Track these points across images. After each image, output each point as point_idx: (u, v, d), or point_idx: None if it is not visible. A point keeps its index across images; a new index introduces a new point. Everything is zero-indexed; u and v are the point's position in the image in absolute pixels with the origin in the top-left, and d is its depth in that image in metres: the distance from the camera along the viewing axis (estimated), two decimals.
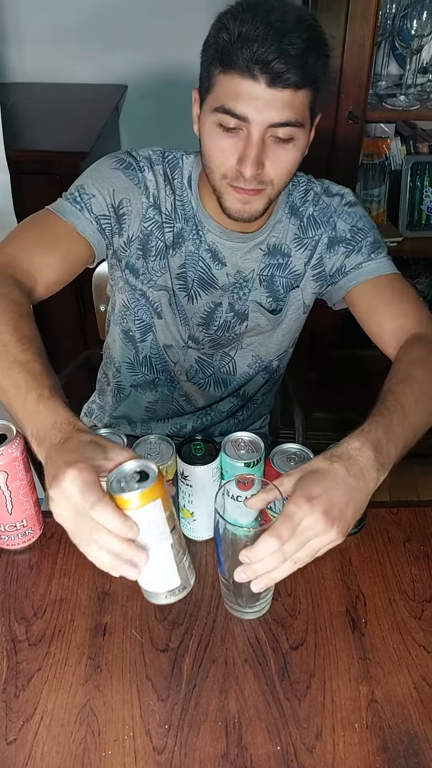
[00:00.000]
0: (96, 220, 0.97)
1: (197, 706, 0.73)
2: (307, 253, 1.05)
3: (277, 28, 0.80)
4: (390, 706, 0.73)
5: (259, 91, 0.82)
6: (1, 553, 0.89)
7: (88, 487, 0.62)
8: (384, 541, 0.91)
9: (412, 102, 1.68)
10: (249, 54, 0.80)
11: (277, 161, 0.88)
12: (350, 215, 1.03)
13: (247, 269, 1.04)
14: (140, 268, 1.04)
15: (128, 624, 0.80)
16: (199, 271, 1.04)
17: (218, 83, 0.85)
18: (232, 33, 0.81)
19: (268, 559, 0.65)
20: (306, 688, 0.75)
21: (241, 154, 0.86)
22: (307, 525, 0.65)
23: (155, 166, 1.01)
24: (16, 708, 0.73)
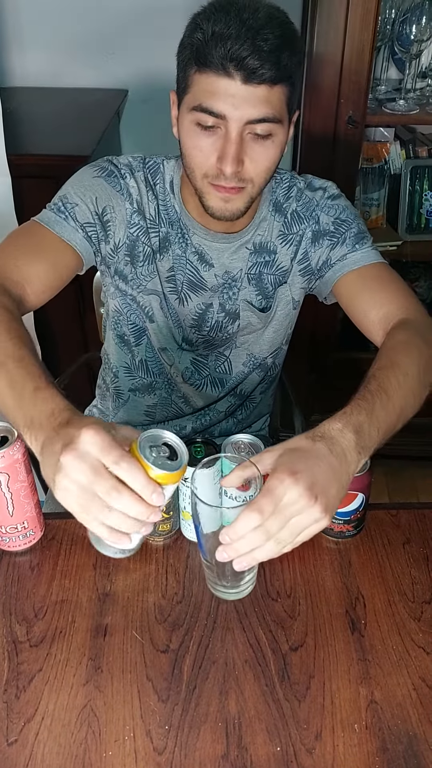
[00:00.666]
0: (81, 228, 0.97)
1: (197, 707, 0.73)
2: (292, 248, 1.05)
3: (250, 25, 0.81)
4: (389, 708, 0.73)
5: (234, 88, 0.83)
6: (2, 554, 0.90)
7: (109, 445, 0.61)
8: (383, 542, 0.91)
9: (412, 106, 1.69)
10: (223, 51, 0.81)
11: (256, 158, 0.89)
12: (333, 208, 1.03)
13: (235, 269, 1.05)
14: (129, 273, 1.05)
15: (129, 625, 0.81)
16: (187, 274, 1.05)
17: (194, 83, 0.86)
18: (206, 32, 0.82)
19: (249, 536, 0.63)
20: (306, 689, 0.75)
21: (221, 152, 0.87)
22: (290, 500, 0.64)
23: (136, 172, 1.02)
24: (17, 709, 0.73)
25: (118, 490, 0.61)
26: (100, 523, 0.63)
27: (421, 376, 0.83)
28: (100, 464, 0.61)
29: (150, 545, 0.91)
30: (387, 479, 2.03)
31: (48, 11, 1.82)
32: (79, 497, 0.62)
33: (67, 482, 0.61)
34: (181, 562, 0.88)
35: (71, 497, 0.62)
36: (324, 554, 0.89)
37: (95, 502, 0.61)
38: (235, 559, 0.66)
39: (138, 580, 0.86)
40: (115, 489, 0.61)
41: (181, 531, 0.92)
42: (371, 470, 0.86)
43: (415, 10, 1.61)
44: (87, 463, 0.60)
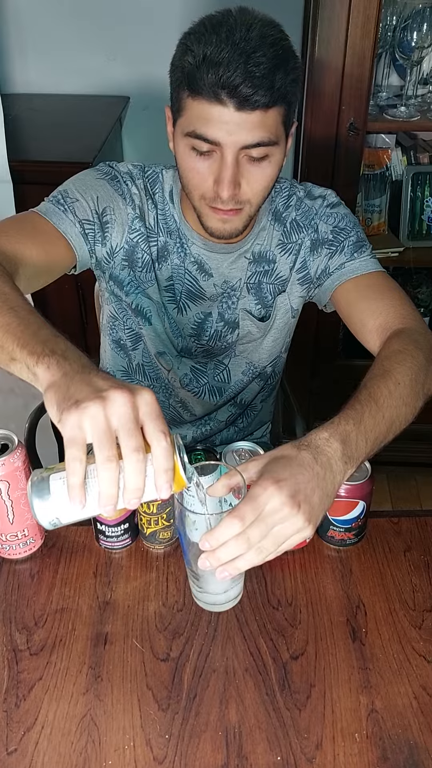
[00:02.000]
0: (80, 224, 0.96)
1: (198, 715, 0.73)
2: (291, 257, 1.05)
3: (242, 49, 0.79)
4: (390, 716, 0.73)
5: (228, 116, 0.82)
6: (2, 562, 0.89)
7: (161, 416, 0.59)
8: (384, 550, 0.91)
9: (413, 113, 1.69)
10: (215, 79, 0.79)
11: (253, 181, 0.89)
12: (331, 216, 1.03)
13: (234, 278, 1.05)
14: (125, 278, 1.05)
15: (129, 633, 0.81)
16: (186, 284, 1.05)
17: (187, 107, 0.85)
18: (197, 56, 0.81)
19: (230, 544, 0.63)
20: (306, 698, 0.75)
21: (217, 175, 0.87)
22: (272, 508, 0.63)
23: (136, 180, 1.02)
24: (17, 718, 0.73)
25: (142, 453, 0.57)
26: (83, 464, 0.57)
27: (415, 385, 0.82)
28: (138, 424, 0.58)
29: (151, 553, 0.91)
30: (390, 486, 2.03)
31: (50, 18, 1.83)
32: (100, 432, 0.56)
33: (100, 412, 0.56)
34: (181, 570, 0.88)
35: (92, 425, 0.56)
36: (325, 562, 0.89)
37: (109, 448, 0.56)
38: (217, 569, 0.65)
39: (138, 588, 0.86)
40: (140, 451, 0.57)
41: None
42: (372, 478, 0.86)
43: (416, 17, 1.61)
44: (133, 412, 0.57)
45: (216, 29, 0.81)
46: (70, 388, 0.58)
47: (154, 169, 1.04)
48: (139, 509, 0.88)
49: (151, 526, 0.88)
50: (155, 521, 0.88)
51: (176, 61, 0.86)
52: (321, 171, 1.63)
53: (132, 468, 0.57)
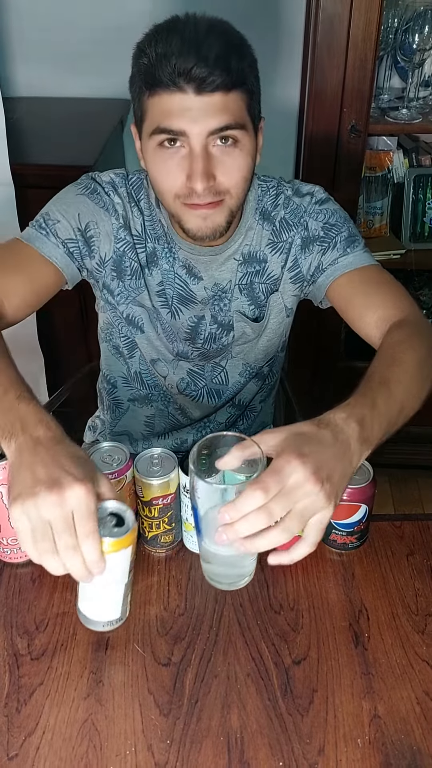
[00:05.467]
0: (63, 244, 0.98)
1: (199, 721, 0.73)
2: (282, 256, 1.04)
3: (191, 39, 0.81)
4: (393, 722, 0.73)
5: (189, 101, 0.82)
6: (3, 566, 0.89)
7: (90, 515, 0.64)
8: (387, 554, 0.90)
9: (415, 115, 1.69)
10: (170, 68, 0.80)
11: (227, 170, 0.88)
12: (321, 213, 1.02)
13: (224, 280, 1.05)
14: (116, 288, 1.05)
15: (130, 638, 0.80)
16: (177, 288, 1.05)
17: (149, 107, 0.85)
18: (150, 55, 0.82)
19: (251, 517, 0.61)
20: (309, 703, 0.74)
21: (188, 170, 0.86)
22: (296, 482, 0.62)
23: (119, 188, 1.02)
24: (18, 723, 0.73)
25: (75, 550, 0.65)
26: (36, 554, 0.66)
27: (422, 372, 0.82)
28: (71, 522, 0.64)
29: (152, 557, 0.90)
30: (392, 489, 2.02)
31: (51, 21, 1.83)
32: (36, 530, 0.65)
33: (33, 512, 0.64)
34: (183, 573, 0.88)
35: (27, 523, 0.65)
36: (327, 566, 0.89)
37: (47, 544, 0.65)
38: (235, 543, 0.63)
39: (140, 592, 0.85)
40: (73, 549, 0.65)
41: (184, 542, 0.91)
42: (374, 482, 0.86)
43: (418, 19, 1.61)
44: (63, 512, 0.64)
45: (166, 29, 0.84)
46: (16, 476, 0.67)
47: (138, 176, 1.04)
48: (141, 513, 0.88)
49: (153, 530, 0.88)
50: (156, 525, 0.87)
51: (133, 70, 0.87)
52: (322, 173, 1.63)
53: (69, 562, 0.66)
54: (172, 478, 0.85)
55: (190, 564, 0.89)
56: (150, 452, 0.87)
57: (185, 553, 0.91)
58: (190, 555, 0.90)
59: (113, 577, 0.73)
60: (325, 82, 1.54)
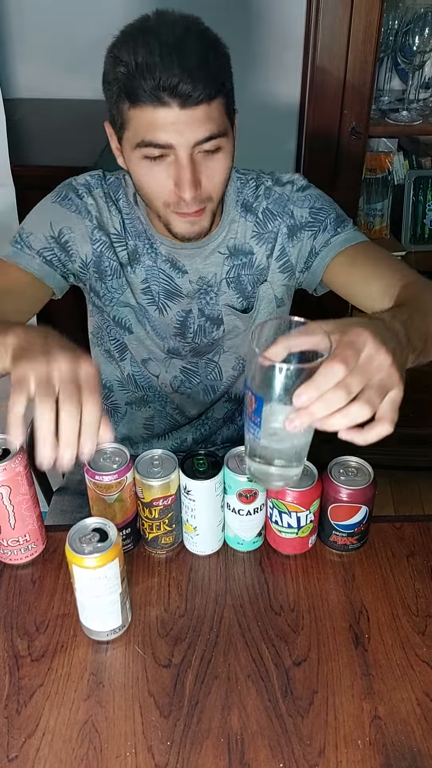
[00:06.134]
0: (39, 254, 1.00)
1: (199, 722, 0.73)
2: (268, 246, 1.04)
3: (172, 46, 0.79)
4: (393, 723, 0.73)
5: (174, 116, 0.82)
6: (3, 567, 0.89)
7: (97, 385, 0.66)
8: (387, 555, 0.90)
9: (415, 117, 1.69)
10: (153, 83, 0.79)
11: (211, 175, 0.89)
12: (305, 199, 1.02)
13: (209, 274, 1.05)
14: (100, 289, 1.06)
15: (131, 639, 0.80)
16: (162, 283, 1.05)
17: (131, 119, 0.85)
18: (129, 65, 0.80)
19: (328, 396, 0.57)
20: (309, 704, 0.74)
21: (176, 179, 0.87)
22: (369, 355, 0.59)
23: (94, 190, 1.03)
24: (18, 724, 0.73)
25: (76, 405, 0.64)
26: (24, 402, 0.64)
27: None
28: (77, 385, 0.65)
29: (153, 558, 0.90)
30: (392, 490, 2.02)
31: (52, 23, 1.84)
32: (41, 381, 0.64)
33: (43, 366, 0.65)
34: (183, 575, 0.88)
35: (36, 376, 0.64)
36: (327, 567, 0.89)
37: (47, 389, 0.64)
38: (304, 424, 0.59)
39: (140, 594, 0.85)
40: (75, 402, 0.63)
41: (184, 544, 0.91)
42: (375, 483, 0.86)
43: (418, 21, 1.61)
44: (73, 372, 0.65)
45: (141, 35, 0.81)
46: (26, 347, 0.69)
47: (116, 176, 1.04)
48: (141, 514, 0.88)
49: (153, 531, 0.88)
50: (157, 526, 0.87)
51: (108, 77, 0.85)
52: (323, 175, 1.63)
53: (66, 415, 0.63)
54: (173, 480, 0.85)
55: (190, 565, 0.89)
56: (150, 453, 0.87)
57: (185, 555, 0.91)
58: (190, 556, 0.90)
59: (106, 589, 0.75)
60: (325, 84, 1.54)
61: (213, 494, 0.86)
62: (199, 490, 0.85)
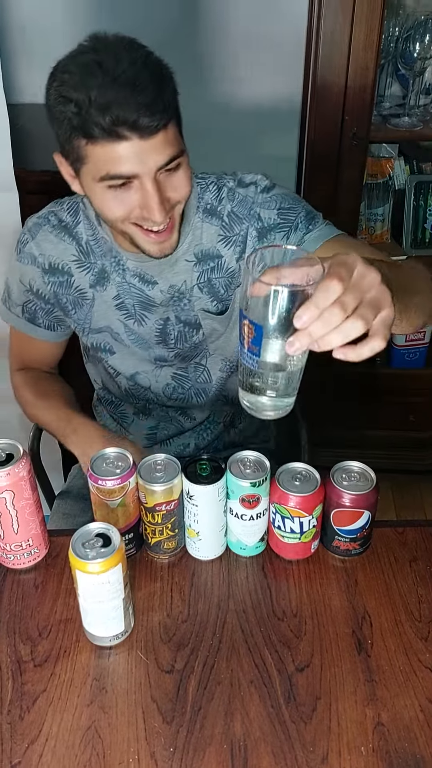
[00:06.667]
0: (23, 310, 1.12)
1: (202, 728, 0.72)
2: (237, 248, 1.04)
3: (123, 81, 0.79)
4: (396, 730, 0.72)
5: (135, 147, 0.82)
6: (6, 572, 0.89)
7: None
8: (390, 561, 0.90)
9: (416, 123, 1.70)
10: (110, 120, 0.80)
11: (175, 188, 0.90)
12: (272, 201, 1.01)
13: (179, 282, 1.05)
14: (71, 323, 1.12)
15: (133, 645, 0.80)
16: (135, 296, 1.07)
17: (90, 154, 0.85)
18: (82, 103, 0.80)
19: (326, 314, 0.58)
20: (312, 710, 0.74)
21: (143, 203, 0.88)
22: (360, 272, 0.61)
23: (39, 232, 1.05)
24: (21, 730, 0.72)
25: None
26: None
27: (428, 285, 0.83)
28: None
29: (155, 563, 0.90)
30: (394, 494, 2.02)
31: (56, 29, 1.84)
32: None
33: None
34: (186, 580, 0.88)
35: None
36: (330, 573, 0.89)
37: None
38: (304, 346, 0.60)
39: (143, 599, 0.85)
40: None
41: (186, 549, 0.91)
42: (377, 488, 0.86)
43: (419, 28, 1.62)
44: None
45: (88, 70, 0.80)
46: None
47: (73, 200, 1.06)
48: (144, 519, 0.88)
49: (156, 536, 0.88)
50: (160, 531, 0.87)
51: (57, 113, 0.84)
52: (324, 181, 1.63)
53: None
54: (176, 484, 0.85)
55: (193, 570, 0.89)
56: (153, 458, 0.87)
57: (188, 560, 0.91)
58: (193, 561, 0.90)
59: (109, 594, 0.75)
60: (326, 90, 1.55)
61: (216, 499, 0.86)
62: (202, 495, 0.85)
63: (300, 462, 0.88)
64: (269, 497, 0.87)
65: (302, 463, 0.88)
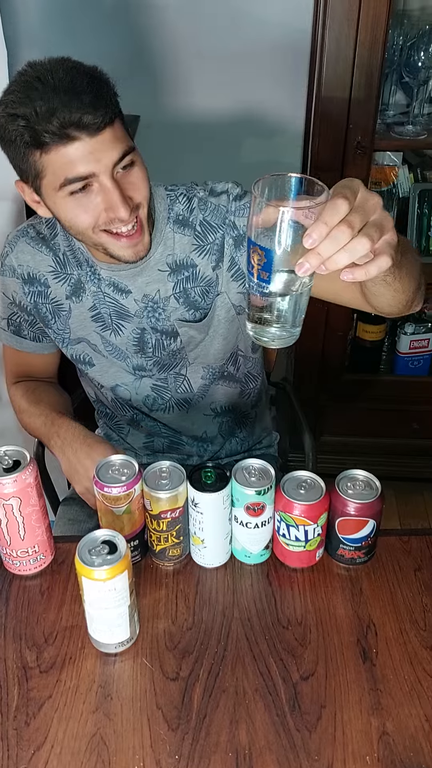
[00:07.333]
0: (9, 323, 1.14)
1: (208, 736, 0.73)
2: (212, 257, 1.04)
3: (63, 88, 0.83)
4: (401, 739, 0.73)
5: (87, 146, 0.85)
6: (12, 578, 0.90)
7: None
8: (395, 569, 0.90)
9: (420, 131, 1.71)
10: (58, 124, 0.83)
11: (135, 187, 0.92)
12: (245, 208, 1.02)
13: (152, 291, 1.06)
14: (51, 334, 1.13)
15: (138, 652, 0.81)
16: (110, 306, 1.08)
17: (47, 164, 0.87)
18: (28, 116, 0.84)
19: (334, 232, 0.59)
20: (317, 719, 0.74)
21: (107, 204, 0.89)
22: (363, 196, 0.62)
23: (18, 243, 1.08)
24: (27, 736, 0.73)
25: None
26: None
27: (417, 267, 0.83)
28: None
29: (160, 570, 0.91)
30: (397, 501, 2.02)
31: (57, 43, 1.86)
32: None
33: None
34: (191, 587, 0.88)
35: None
36: (335, 581, 0.89)
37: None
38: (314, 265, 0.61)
39: (148, 606, 0.86)
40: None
41: (191, 556, 0.91)
42: (382, 497, 0.86)
43: (423, 37, 1.63)
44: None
45: (29, 87, 0.85)
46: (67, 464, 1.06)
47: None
48: (149, 526, 0.88)
49: (161, 543, 0.88)
50: (165, 538, 0.88)
51: (9, 135, 0.87)
52: None
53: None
54: (181, 492, 0.85)
55: (197, 578, 0.89)
56: (159, 465, 0.88)
57: (193, 567, 0.91)
58: (197, 569, 0.91)
59: (114, 601, 0.75)
60: (331, 99, 1.55)
61: (221, 507, 0.86)
62: (207, 503, 0.85)
63: (305, 470, 0.88)
64: (274, 505, 0.87)
65: (307, 472, 0.88)
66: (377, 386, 1.97)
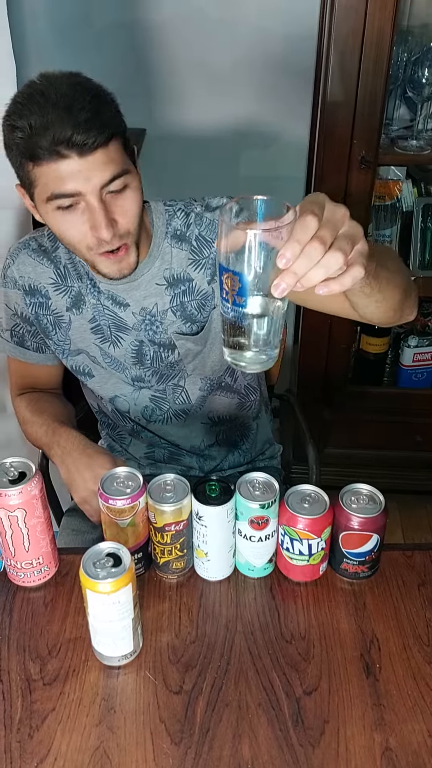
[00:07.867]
0: (12, 335, 1.15)
1: (210, 750, 0.73)
2: (207, 271, 1.05)
3: (60, 104, 0.84)
4: (405, 755, 0.72)
5: (75, 165, 0.86)
6: (16, 590, 0.90)
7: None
8: (398, 584, 0.90)
9: (424, 146, 1.72)
10: (49, 140, 0.84)
11: (124, 212, 0.92)
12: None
13: (150, 304, 1.07)
14: (51, 345, 1.15)
15: (142, 665, 0.81)
16: (109, 318, 1.09)
17: (37, 177, 0.89)
18: (25, 129, 0.86)
19: (307, 249, 0.59)
20: (320, 734, 0.74)
21: (91, 222, 0.90)
22: (331, 210, 0.62)
23: (20, 254, 1.09)
24: (30, 749, 0.73)
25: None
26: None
27: (405, 278, 0.84)
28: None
29: (164, 583, 0.91)
30: (401, 514, 2.01)
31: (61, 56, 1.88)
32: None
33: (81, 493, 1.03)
34: (194, 600, 0.88)
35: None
36: (338, 596, 0.89)
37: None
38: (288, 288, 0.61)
39: (151, 619, 0.86)
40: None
41: (195, 569, 0.92)
42: (386, 512, 0.86)
43: (428, 54, 1.65)
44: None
45: (31, 100, 0.86)
46: (67, 474, 1.06)
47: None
48: (153, 539, 0.89)
49: (165, 555, 0.89)
50: (168, 551, 0.88)
51: (7, 142, 0.90)
52: None
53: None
54: (185, 505, 0.86)
55: (201, 591, 0.90)
56: (163, 478, 0.88)
57: (196, 580, 0.91)
58: (201, 582, 0.91)
59: (118, 614, 0.75)
60: (335, 114, 1.57)
61: (225, 520, 0.86)
62: (211, 516, 0.85)
63: (309, 484, 0.89)
64: (278, 519, 0.87)
65: (311, 485, 0.88)
66: (380, 399, 1.97)
